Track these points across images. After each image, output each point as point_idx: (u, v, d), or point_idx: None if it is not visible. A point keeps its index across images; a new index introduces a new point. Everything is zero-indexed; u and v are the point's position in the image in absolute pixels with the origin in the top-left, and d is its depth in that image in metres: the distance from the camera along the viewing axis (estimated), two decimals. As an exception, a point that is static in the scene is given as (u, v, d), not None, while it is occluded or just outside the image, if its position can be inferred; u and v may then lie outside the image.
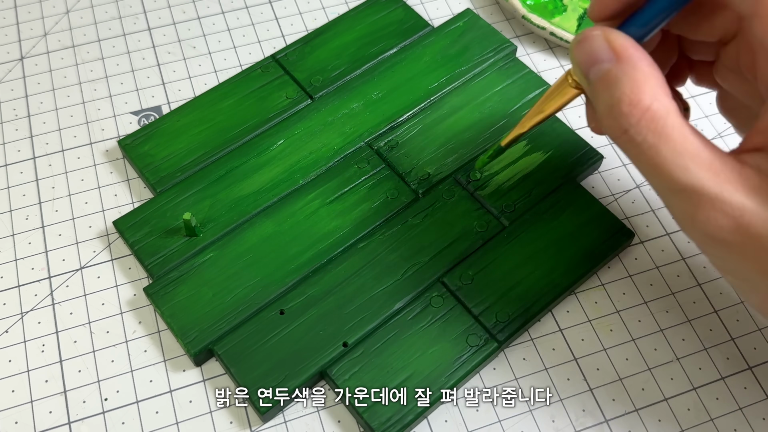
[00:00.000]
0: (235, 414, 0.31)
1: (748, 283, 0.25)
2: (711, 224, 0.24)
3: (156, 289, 0.33)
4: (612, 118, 0.25)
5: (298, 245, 0.34)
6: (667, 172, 0.24)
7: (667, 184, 0.24)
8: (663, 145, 0.24)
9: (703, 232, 0.24)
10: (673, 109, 0.24)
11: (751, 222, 0.23)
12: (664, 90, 0.24)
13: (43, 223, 0.36)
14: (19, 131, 0.39)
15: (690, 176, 0.24)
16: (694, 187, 0.24)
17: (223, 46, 0.42)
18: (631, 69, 0.24)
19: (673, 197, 0.25)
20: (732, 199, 0.23)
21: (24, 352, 0.33)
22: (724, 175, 0.24)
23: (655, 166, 0.24)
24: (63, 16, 0.43)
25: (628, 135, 0.24)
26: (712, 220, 0.24)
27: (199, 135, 0.37)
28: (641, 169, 0.25)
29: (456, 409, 0.31)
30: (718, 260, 0.26)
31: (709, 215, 0.24)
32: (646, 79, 0.24)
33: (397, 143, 0.37)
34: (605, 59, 0.25)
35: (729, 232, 0.24)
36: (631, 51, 0.25)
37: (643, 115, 0.24)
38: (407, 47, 0.40)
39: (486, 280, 0.33)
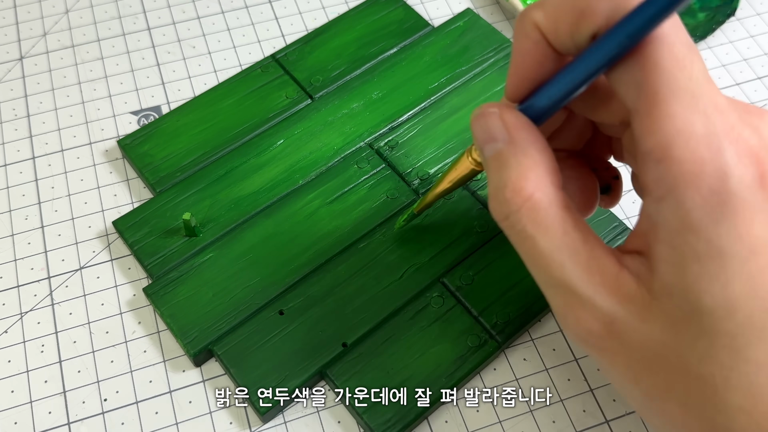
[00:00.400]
0: (235, 414, 0.31)
1: (622, 389, 0.25)
2: (581, 326, 0.23)
3: (155, 290, 0.33)
4: (496, 202, 0.24)
5: (298, 245, 0.34)
6: (543, 266, 0.23)
7: (542, 277, 0.24)
8: (540, 238, 0.23)
9: (574, 332, 0.24)
10: (556, 200, 0.23)
11: (622, 330, 0.22)
12: (551, 179, 0.23)
13: (43, 223, 0.36)
14: (18, 131, 0.39)
15: (564, 274, 0.23)
16: (567, 286, 0.23)
17: (223, 46, 0.42)
18: (520, 154, 0.24)
19: (548, 291, 0.24)
20: (603, 305, 0.23)
21: (23, 352, 0.32)
22: (599, 277, 0.23)
23: (532, 257, 0.24)
24: (62, 16, 0.43)
25: (508, 221, 0.24)
26: (582, 321, 0.23)
27: (198, 135, 0.37)
28: (521, 256, 0.24)
29: (456, 409, 0.31)
30: (598, 365, 0.25)
31: (580, 316, 0.23)
32: (533, 166, 0.23)
33: (397, 143, 0.37)
34: (499, 138, 0.24)
35: (599, 337, 0.23)
36: (523, 134, 0.24)
37: (524, 203, 0.23)
38: (407, 47, 0.40)
39: (486, 280, 0.33)
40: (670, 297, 0.22)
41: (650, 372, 0.23)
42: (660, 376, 0.23)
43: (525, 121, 0.24)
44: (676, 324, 0.22)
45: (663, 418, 0.24)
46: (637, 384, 0.23)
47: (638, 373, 0.23)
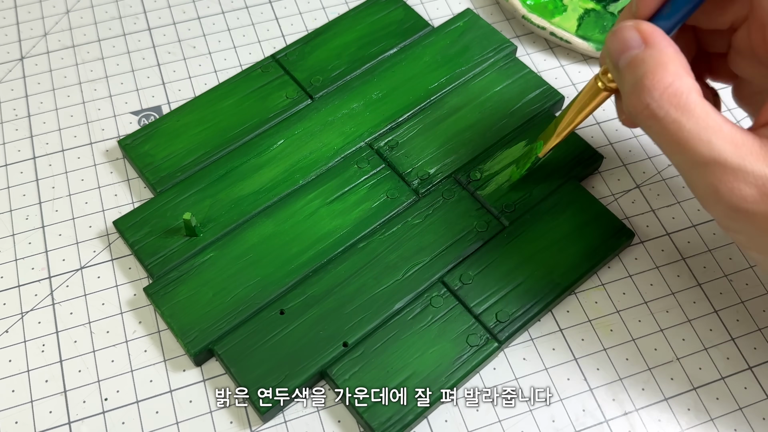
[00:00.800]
0: (235, 414, 0.31)
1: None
2: (735, 195, 0.25)
3: (156, 289, 0.33)
4: (635, 95, 0.26)
5: (298, 245, 0.34)
6: (691, 147, 0.25)
7: (690, 158, 0.25)
8: (685, 120, 0.25)
9: (728, 203, 0.25)
10: (695, 87, 0.25)
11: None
12: (686, 71, 0.25)
13: (43, 223, 0.36)
14: (19, 131, 0.39)
15: (713, 149, 0.25)
16: (716, 160, 0.25)
17: (223, 46, 0.42)
18: (657, 52, 0.26)
19: (695, 172, 0.25)
20: (754, 169, 0.24)
21: (24, 352, 0.33)
22: (745, 147, 0.24)
23: (678, 141, 0.25)
24: (63, 16, 0.43)
25: (649, 110, 0.25)
26: (736, 190, 0.24)
27: (199, 135, 0.37)
28: (663, 145, 0.26)
29: (456, 409, 0.31)
30: (742, 236, 0.26)
31: (733, 186, 0.24)
32: (670, 60, 0.25)
33: (397, 143, 0.37)
34: (635, 46, 0.26)
35: (753, 201, 0.24)
36: (659, 37, 0.26)
37: (665, 90, 0.25)
38: (407, 47, 0.40)
39: (486, 279, 0.33)
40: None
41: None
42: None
43: (658, 29, 0.26)
44: None
45: None
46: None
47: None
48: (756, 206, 0.24)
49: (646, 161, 0.38)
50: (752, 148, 0.24)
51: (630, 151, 0.38)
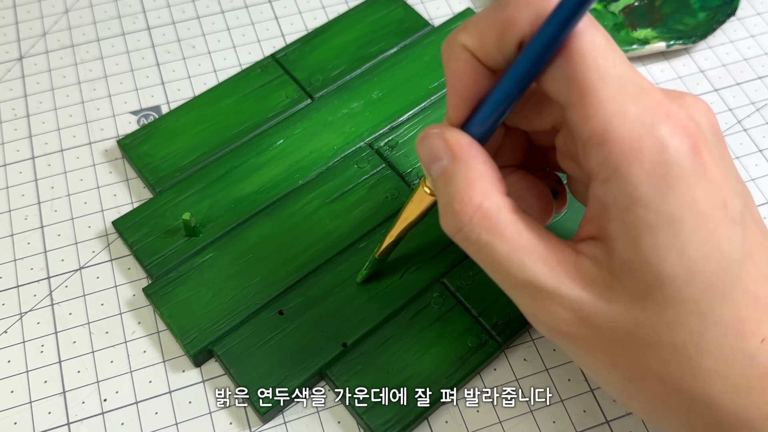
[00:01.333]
0: (234, 415, 0.31)
1: (601, 376, 0.25)
2: (552, 318, 0.24)
3: (155, 290, 0.33)
4: (447, 217, 0.25)
5: (297, 245, 0.34)
6: (504, 269, 0.24)
7: (505, 280, 0.24)
8: (497, 243, 0.24)
9: (547, 326, 0.24)
10: (505, 205, 0.24)
11: (591, 315, 0.23)
12: (496, 187, 0.24)
13: (42, 223, 0.36)
14: (18, 131, 0.39)
15: (526, 272, 0.24)
16: (531, 283, 0.24)
17: (223, 46, 0.42)
18: (464, 167, 0.24)
19: (514, 293, 0.25)
20: (569, 293, 0.23)
21: (23, 352, 0.32)
22: (560, 268, 0.23)
23: (492, 263, 0.24)
24: (62, 16, 0.43)
25: (461, 234, 0.24)
26: (552, 314, 0.24)
27: (198, 135, 0.37)
28: (482, 266, 0.25)
29: (456, 409, 0.31)
30: (571, 354, 0.26)
31: (549, 309, 0.24)
32: (478, 178, 0.24)
33: (397, 143, 0.37)
34: (443, 156, 0.25)
35: (571, 325, 0.23)
36: (465, 149, 0.25)
37: (474, 213, 0.24)
38: (407, 47, 0.40)
39: (486, 280, 0.33)
40: (630, 273, 0.22)
41: (625, 351, 0.23)
42: (635, 353, 0.23)
43: (466, 137, 0.25)
44: (640, 298, 0.22)
45: (643, 398, 0.24)
46: (615, 367, 0.24)
47: (614, 355, 0.24)
48: (574, 330, 0.23)
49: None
50: (567, 268, 0.23)
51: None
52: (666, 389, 0.23)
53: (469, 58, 0.24)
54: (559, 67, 0.23)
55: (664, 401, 0.24)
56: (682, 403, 0.23)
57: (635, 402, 0.25)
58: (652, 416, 0.25)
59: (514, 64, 0.23)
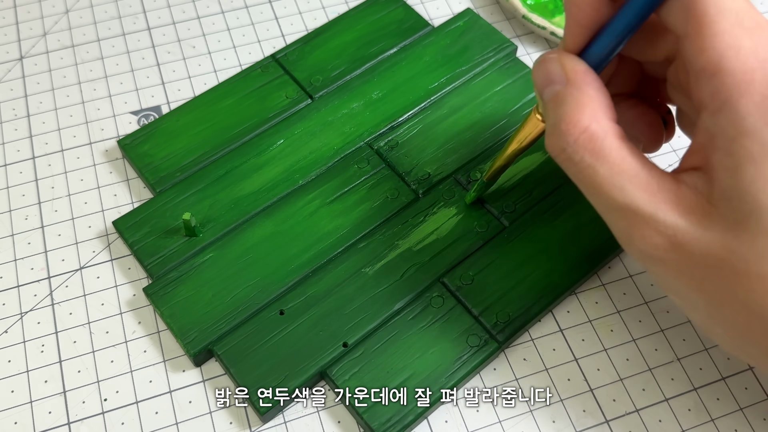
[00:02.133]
0: (234, 414, 0.31)
1: (687, 301, 0.26)
2: (646, 242, 0.24)
3: (155, 290, 0.33)
4: (553, 137, 0.25)
5: (298, 245, 0.34)
6: (604, 192, 0.25)
7: (604, 203, 0.25)
8: (599, 165, 0.25)
9: (640, 250, 0.25)
10: (612, 131, 0.25)
11: (685, 241, 0.24)
12: (605, 113, 0.25)
13: (43, 223, 0.36)
14: (18, 131, 0.39)
15: (626, 196, 0.24)
16: (629, 207, 0.24)
17: (223, 46, 0.42)
18: (576, 91, 0.25)
19: (610, 216, 0.25)
20: (666, 219, 0.24)
21: (23, 352, 0.32)
22: (660, 195, 0.24)
23: (592, 185, 0.25)
24: (62, 16, 0.43)
25: (565, 154, 0.25)
26: (647, 238, 0.24)
27: (198, 135, 0.37)
28: (580, 188, 0.26)
29: (456, 409, 0.31)
30: (658, 279, 0.26)
31: (644, 234, 0.24)
32: (588, 102, 0.25)
33: (397, 143, 0.37)
34: (558, 81, 0.26)
35: (664, 250, 0.24)
36: (580, 75, 0.25)
37: (580, 135, 0.25)
38: (407, 47, 0.40)
39: (486, 280, 0.33)
40: (729, 201, 0.23)
41: (714, 278, 0.24)
42: (723, 280, 0.24)
43: (582, 64, 0.26)
44: (736, 226, 0.23)
45: (726, 325, 0.25)
46: (701, 292, 0.25)
47: (702, 281, 0.24)
48: (667, 255, 0.24)
49: (647, 161, 0.38)
50: (667, 195, 0.24)
51: (630, 151, 0.38)
52: (750, 317, 0.24)
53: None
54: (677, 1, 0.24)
55: (747, 328, 0.24)
56: (764, 331, 0.24)
57: (718, 329, 0.26)
58: (733, 343, 0.26)
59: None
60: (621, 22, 0.25)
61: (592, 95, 0.25)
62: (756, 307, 0.24)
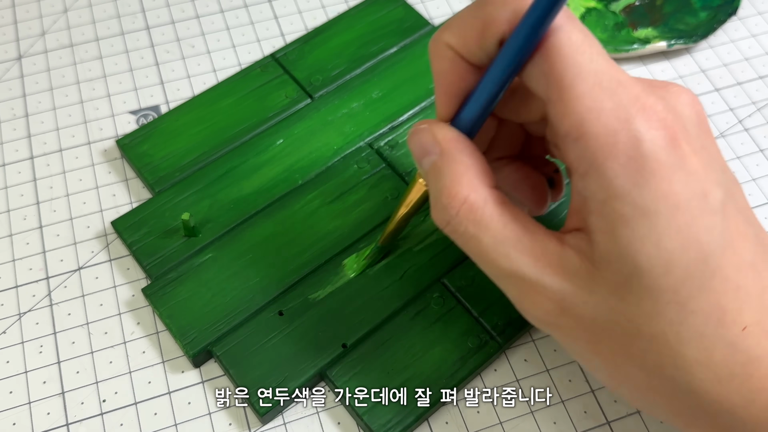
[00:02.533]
0: (234, 415, 0.31)
1: (589, 364, 0.26)
2: (537, 308, 0.24)
3: (154, 290, 0.33)
4: (437, 210, 0.25)
5: (297, 245, 0.34)
6: (490, 261, 0.25)
7: (493, 271, 0.25)
8: (483, 235, 0.24)
9: (532, 315, 0.25)
10: (491, 198, 0.25)
11: (572, 305, 0.24)
12: (483, 180, 0.25)
13: (41, 224, 0.36)
14: (16, 131, 0.39)
15: (511, 263, 0.24)
16: (515, 274, 0.24)
17: (222, 45, 0.42)
18: (452, 161, 0.25)
19: (501, 283, 0.25)
20: (552, 284, 0.24)
21: (22, 353, 0.32)
22: (544, 259, 0.24)
23: (479, 255, 0.25)
24: (61, 15, 0.43)
25: (450, 226, 0.25)
26: (537, 304, 0.24)
27: (198, 134, 0.37)
28: (470, 257, 0.26)
29: (456, 410, 0.31)
30: (558, 341, 0.26)
31: (534, 300, 0.24)
32: (464, 171, 0.25)
33: (397, 143, 0.37)
34: (432, 151, 0.26)
35: (555, 315, 0.24)
36: (453, 143, 0.25)
37: (460, 206, 0.25)
38: (407, 46, 0.40)
39: (487, 280, 0.32)
40: (609, 264, 0.23)
41: (607, 340, 0.24)
42: (616, 342, 0.24)
43: (453, 132, 0.26)
44: (619, 289, 0.23)
45: (628, 385, 0.25)
46: (598, 355, 0.25)
47: (597, 344, 0.24)
48: (558, 320, 0.24)
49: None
50: (551, 259, 0.24)
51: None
52: (649, 377, 0.24)
53: (454, 57, 0.25)
54: (537, 64, 0.23)
55: (648, 389, 0.24)
56: (665, 391, 0.24)
57: (622, 389, 0.26)
58: (639, 403, 0.26)
59: (495, 61, 0.24)
60: (485, 88, 0.25)
61: (468, 163, 0.25)
62: (653, 367, 0.23)
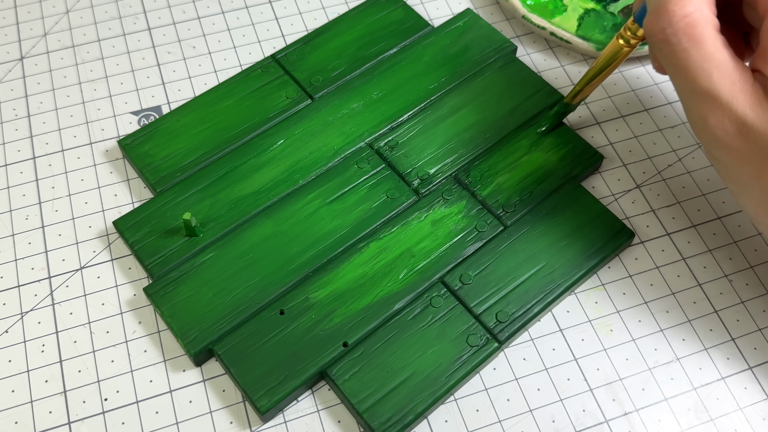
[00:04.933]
0: (235, 414, 0.31)
1: (744, 189, 0.29)
2: (719, 128, 0.27)
3: (156, 289, 0.33)
4: (655, 16, 0.27)
5: (298, 245, 0.34)
6: (692, 76, 0.27)
7: (689, 86, 0.27)
8: (694, 50, 0.27)
9: (711, 134, 0.28)
10: (711, 21, 0.27)
11: (752, 130, 0.27)
12: (708, 3, 0.27)
13: (43, 223, 0.36)
14: (19, 131, 0.39)
15: (711, 82, 0.27)
16: (711, 92, 0.27)
17: (223, 46, 0.42)
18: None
19: (691, 99, 0.28)
20: (739, 108, 0.27)
21: (24, 352, 0.32)
22: (738, 85, 0.27)
23: (683, 68, 0.27)
24: (63, 16, 0.43)
25: (664, 34, 0.27)
26: (719, 123, 0.27)
27: (199, 135, 0.37)
28: (669, 68, 0.28)
29: (456, 408, 0.31)
30: (720, 165, 0.29)
31: (718, 119, 0.27)
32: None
33: (397, 143, 0.37)
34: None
35: (733, 137, 0.27)
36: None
37: (683, 18, 0.27)
38: (407, 47, 0.40)
39: (486, 279, 0.33)
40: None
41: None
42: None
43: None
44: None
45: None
46: (759, 179, 0.28)
47: (761, 168, 0.27)
48: (733, 141, 0.27)
49: (646, 161, 0.38)
50: (743, 87, 0.27)
51: (630, 151, 0.38)
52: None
53: None
54: None
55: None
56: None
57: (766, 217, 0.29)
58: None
59: None
60: None
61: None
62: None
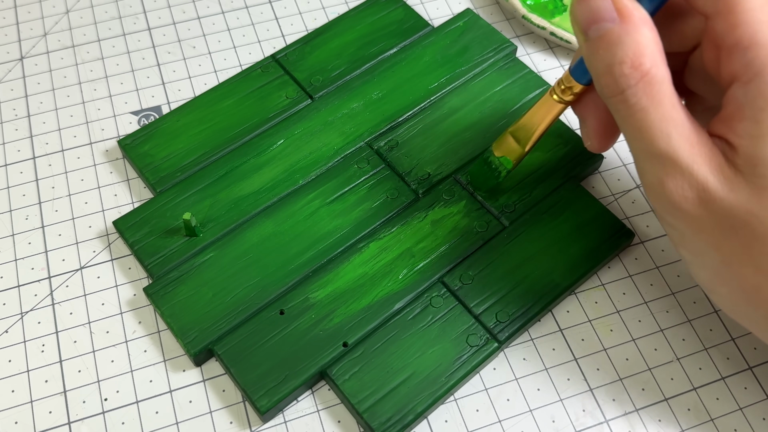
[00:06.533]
0: (235, 414, 0.31)
1: (700, 258, 0.27)
2: (677, 193, 0.25)
3: (156, 289, 0.33)
4: (611, 78, 0.26)
5: (298, 245, 0.34)
6: (650, 136, 0.26)
7: (646, 147, 0.26)
8: (653, 110, 0.25)
9: (670, 200, 0.26)
10: (668, 77, 0.25)
11: (712, 198, 0.25)
12: (662, 57, 0.26)
13: (43, 223, 0.36)
14: (18, 131, 0.39)
15: (670, 143, 0.25)
16: (670, 155, 0.25)
17: (223, 46, 0.42)
18: (635, 31, 0.25)
19: (649, 162, 0.26)
20: (699, 173, 0.25)
21: (24, 352, 0.33)
22: (698, 148, 0.25)
23: (641, 129, 0.26)
24: (63, 16, 0.43)
25: (623, 96, 0.26)
26: (679, 188, 0.25)
27: (199, 135, 0.37)
28: (626, 130, 0.26)
29: (456, 409, 0.31)
30: (675, 232, 0.27)
31: (678, 184, 0.25)
32: (648, 44, 0.25)
33: (397, 143, 0.37)
34: (607, 18, 0.26)
35: (692, 204, 0.25)
36: (635, 12, 0.26)
37: (642, 78, 0.25)
38: (407, 47, 0.40)
39: (486, 280, 0.33)
40: (754, 167, 0.24)
41: (733, 237, 0.25)
42: (741, 240, 0.25)
43: (634, 2, 0.26)
44: (759, 191, 0.24)
45: (733, 285, 0.26)
46: (718, 250, 0.26)
47: (720, 239, 0.26)
48: (693, 209, 0.25)
49: (646, 161, 0.38)
50: (702, 151, 0.25)
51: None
52: (759, 277, 0.25)
53: None
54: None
55: (755, 289, 0.26)
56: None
57: (724, 288, 0.27)
58: (735, 304, 0.27)
59: None
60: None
61: (650, 36, 0.25)
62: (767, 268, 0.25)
